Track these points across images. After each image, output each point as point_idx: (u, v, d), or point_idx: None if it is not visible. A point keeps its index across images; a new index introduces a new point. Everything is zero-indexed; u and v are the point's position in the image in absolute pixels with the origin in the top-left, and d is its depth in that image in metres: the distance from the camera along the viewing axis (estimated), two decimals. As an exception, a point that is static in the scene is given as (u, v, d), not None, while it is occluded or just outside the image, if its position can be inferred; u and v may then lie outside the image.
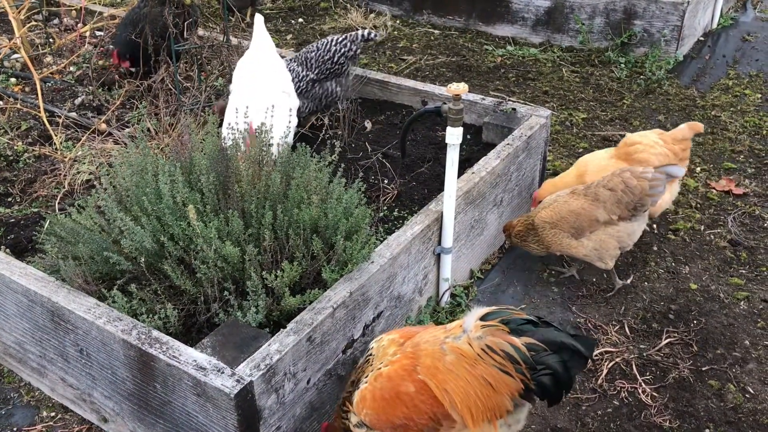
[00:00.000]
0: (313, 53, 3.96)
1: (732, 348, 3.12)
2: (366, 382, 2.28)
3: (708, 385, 2.94)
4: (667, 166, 3.34)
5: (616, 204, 3.22)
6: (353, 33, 3.97)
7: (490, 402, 2.15)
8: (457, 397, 2.15)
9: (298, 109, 3.93)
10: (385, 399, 2.22)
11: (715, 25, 6.47)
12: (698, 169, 4.42)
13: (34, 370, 2.90)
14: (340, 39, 3.95)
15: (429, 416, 2.18)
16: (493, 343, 2.14)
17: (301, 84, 3.91)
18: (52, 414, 2.85)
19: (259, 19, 3.65)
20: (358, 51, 3.99)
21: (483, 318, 2.21)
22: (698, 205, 4.09)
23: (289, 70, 3.90)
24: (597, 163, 3.63)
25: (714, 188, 4.24)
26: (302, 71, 3.92)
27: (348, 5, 6.94)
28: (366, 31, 3.98)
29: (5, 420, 2.80)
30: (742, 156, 4.57)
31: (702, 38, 6.24)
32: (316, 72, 3.92)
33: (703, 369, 3.02)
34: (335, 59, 3.92)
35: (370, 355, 2.35)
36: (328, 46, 3.94)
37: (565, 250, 3.32)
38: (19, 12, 4.77)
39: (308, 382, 2.51)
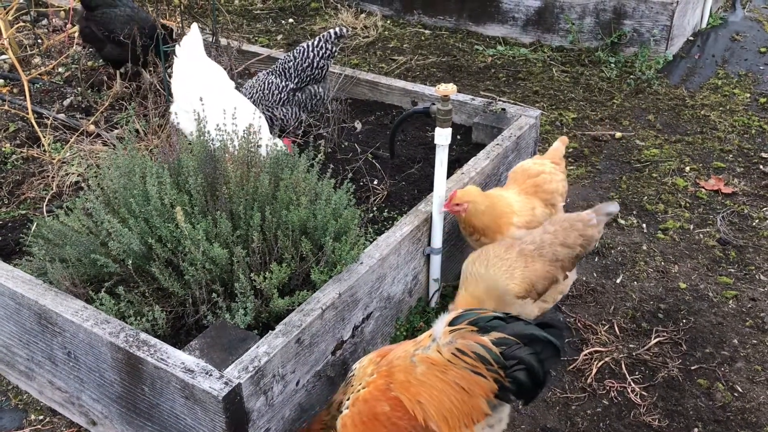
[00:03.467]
0: (291, 62, 3.94)
1: (721, 347, 3.13)
2: (347, 408, 2.25)
3: (697, 384, 2.95)
4: (606, 206, 3.00)
5: (572, 261, 2.93)
6: (325, 33, 3.95)
7: (465, 407, 2.13)
8: (431, 407, 2.13)
9: (286, 119, 3.93)
10: (365, 423, 2.19)
11: (704, 25, 6.50)
12: (687, 168, 4.44)
13: (22, 373, 2.88)
14: (316, 43, 3.93)
15: None
16: (463, 346, 2.12)
17: (282, 95, 3.90)
18: (41, 417, 2.83)
19: (194, 28, 3.61)
20: (335, 49, 3.98)
21: (451, 323, 2.19)
22: (687, 205, 4.11)
23: (267, 83, 3.90)
24: (516, 203, 3.11)
25: (703, 187, 4.25)
26: (282, 82, 3.91)
27: (338, 5, 6.93)
28: (338, 29, 3.97)
29: (-7, 424, 2.79)
30: (731, 155, 4.59)
31: (691, 38, 6.26)
32: (296, 81, 3.92)
33: (692, 368, 3.03)
34: (315, 64, 3.92)
35: (352, 375, 2.33)
36: (306, 53, 3.92)
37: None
38: (7, 13, 4.75)
39: (297, 384, 2.50)
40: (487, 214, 2.99)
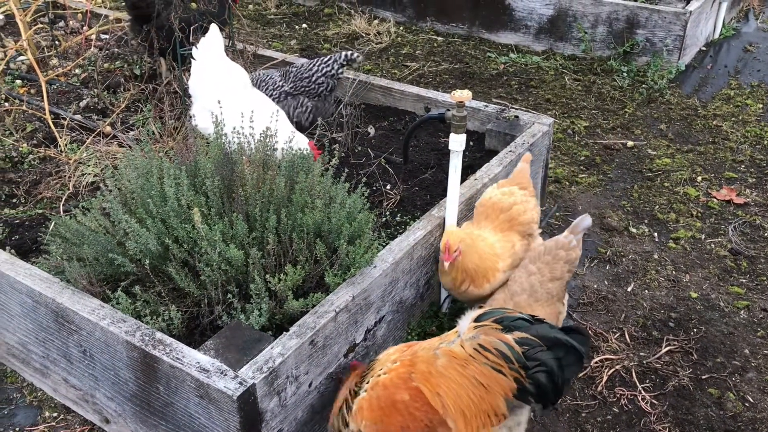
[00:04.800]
0: (295, 69, 4.10)
1: (732, 357, 3.13)
2: (365, 390, 2.28)
3: (708, 393, 2.96)
4: (581, 222, 2.81)
5: (564, 288, 2.82)
6: (337, 55, 4.10)
7: (483, 403, 2.14)
8: (449, 399, 2.14)
9: None
10: (382, 408, 2.21)
11: (717, 35, 6.50)
12: (699, 178, 4.45)
13: (37, 370, 2.91)
14: (325, 60, 4.07)
15: (425, 424, 2.18)
16: (486, 342, 2.13)
17: (274, 93, 3.99)
18: (55, 414, 2.86)
19: (215, 29, 3.66)
20: (341, 72, 4.10)
21: (477, 319, 2.21)
22: (699, 214, 4.11)
23: (268, 76, 4.04)
24: (502, 248, 2.90)
25: (715, 197, 4.26)
26: (279, 81, 4.01)
27: (352, 11, 6.97)
28: (350, 53, 4.09)
29: (8, 420, 2.81)
30: (743, 166, 4.59)
31: (704, 48, 6.27)
32: (290, 87, 4.00)
33: (703, 377, 3.03)
34: (313, 78, 4.03)
35: (375, 361, 2.36)
36: (310, 66, 4.07)
37: None
38: (26, 15, 4.80)
39: (310, 386, 2.52)
40: (475, 253, 2.81)
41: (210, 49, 3.55)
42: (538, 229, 3.05)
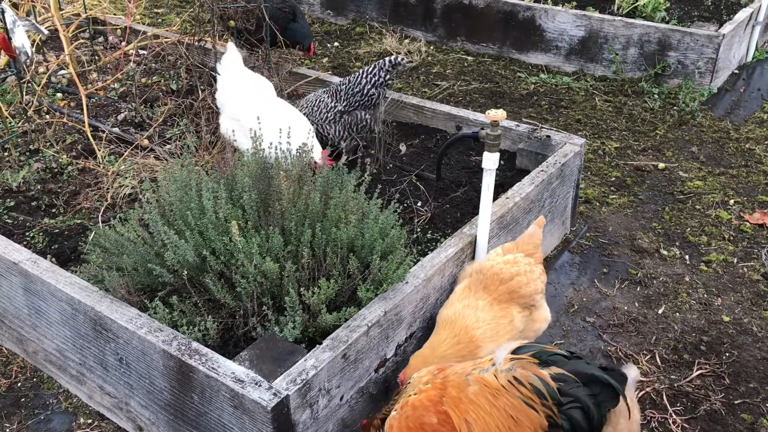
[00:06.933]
0: (344, 86, 4.09)
1: (765, 382, 3.09)
2: (395, 410, 2.29)
3: (740, 418, 2.92)
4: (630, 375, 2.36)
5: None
6: (381, 61, 4.04)
7: None
8: (477, 428, 2.14)
9: (329, 136, 4.09)
10: (410, 428, 2.21)
11: (750, 59, 6.47)
12: (732, 201, 4.41)
13: (73, 377, 2.97)
14: (369, 70, 4.05)
15: None
16: (521, 376, 2.13)
17: (329, 114, 4.04)
18: (89, 421, 2.91)
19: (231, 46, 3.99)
20: (389, 78, 4.06)
21: (514, 351, 2.22)
22: (731, 238, 4.08)
23: (318, 101, 4.10)
24: (488, 325, 2.72)
25: (748, 221, 4.22)
26: (332, 102, 4.05)
27: (383, 30, 7.05)
28: (393, 57, 4.05)
29: (44, 425, 2.87)
30: (776, 189, 4.55)
31: (737, 71, 6.24)
32: (344, 104, 4.04)
33: (736, 402, 3.00)
34: (365, 91, 4.03)
35: (408, 384, 2.37)
36: (358, 79, 4.06)
37: None
38: (68, 30, 4.94)
39: (341, 399, 2.54)
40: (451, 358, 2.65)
41: (231, 64, 3.89)
42: (543, 298, 2.91)
